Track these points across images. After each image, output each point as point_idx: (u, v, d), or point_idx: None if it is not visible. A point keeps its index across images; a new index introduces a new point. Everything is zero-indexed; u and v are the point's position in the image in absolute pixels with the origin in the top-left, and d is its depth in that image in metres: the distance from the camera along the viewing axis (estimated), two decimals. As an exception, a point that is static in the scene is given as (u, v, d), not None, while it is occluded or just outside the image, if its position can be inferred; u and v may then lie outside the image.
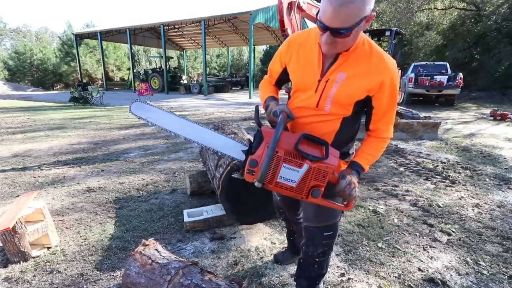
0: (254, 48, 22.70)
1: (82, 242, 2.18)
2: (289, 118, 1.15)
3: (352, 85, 1.09)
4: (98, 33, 20.28)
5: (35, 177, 3.58)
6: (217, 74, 33.25)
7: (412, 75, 11.05)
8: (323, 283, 1.59)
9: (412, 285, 1.75)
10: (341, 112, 1.15)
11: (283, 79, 1.37)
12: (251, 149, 1.13)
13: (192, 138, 1.25)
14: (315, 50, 1.15)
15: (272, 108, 1.21)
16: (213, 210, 2.44)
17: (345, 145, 1.26)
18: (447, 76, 10.80)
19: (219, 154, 1.26)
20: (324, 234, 1.31)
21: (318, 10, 1.00)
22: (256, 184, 1.07)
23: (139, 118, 1.28)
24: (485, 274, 1.87)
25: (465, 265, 1.96)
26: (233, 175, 1.28)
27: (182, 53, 29.59)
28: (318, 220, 1.31)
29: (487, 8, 14.85)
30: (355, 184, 1.13)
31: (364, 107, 1.17)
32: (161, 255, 1.55)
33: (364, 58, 1.08)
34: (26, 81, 28.22)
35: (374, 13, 0.98)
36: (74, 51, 23.01)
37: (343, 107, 1.14)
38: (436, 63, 12.67)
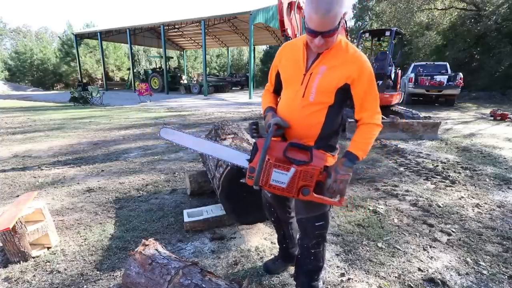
0: (254, 48, 22.65)
1: (82, 242, 2.19)
2: (281, 128, 1.34)
3: (332, 75, 1.27)
4: (98, 33, 20.27)
5: (35, 177, 3.58)
6: (217, 74, 33.17)
7: (412, 75, 11.05)
8: (323, 283, 1.59)
9: (412, 285, 1.76)
10: (325, 100, 1.31)
11: (280, 83, 1.50)
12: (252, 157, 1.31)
13: (208, 152, 1.65)
14: (300, 50, 1.33)
15: (268, 120, 1.37)
16: (213, 210, 2.44)
17: (330, 138, 1.40)
18: (447, 76, 10.80)
19: (230, 164, 1.54)
20: (316, 224, 1.40)
21: None
22: (254, 187, 1.27)
23: (166, 141, 1.58)
24: (485, 274, 1.87)
25: (465, 265, 1.96)
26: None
27: (182, 53, 29.58)
28: (307, 211, 1.40)
29: (487, 8, 14.82)
30: (342, 179, 1.24)
31: (345, 96, 1.32)
32: (161, 255, 1.55)
33: (341, 52, 1.28)
34: (26, 81, 28.19)
35: (350, 9, 1.18)
36: (74, 51, 22.99)
37: (326, 95, 1.30)
38: (436, 63, 12.67)
